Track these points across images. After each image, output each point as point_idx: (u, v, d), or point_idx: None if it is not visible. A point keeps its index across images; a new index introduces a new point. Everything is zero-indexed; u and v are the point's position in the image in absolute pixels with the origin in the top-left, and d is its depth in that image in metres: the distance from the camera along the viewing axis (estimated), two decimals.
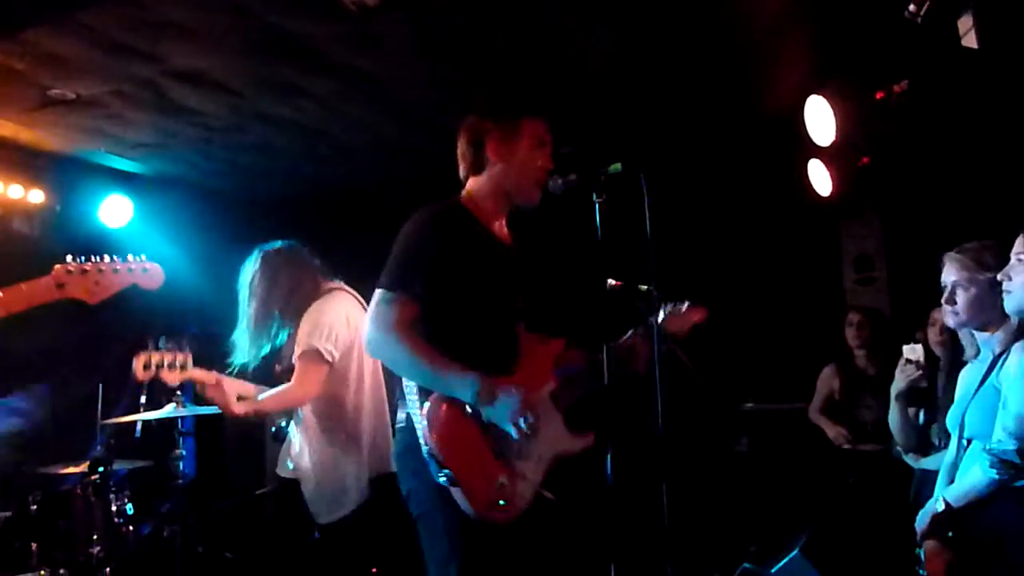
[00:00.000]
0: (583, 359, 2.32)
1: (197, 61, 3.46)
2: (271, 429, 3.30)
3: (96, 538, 3.50)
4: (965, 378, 2.39)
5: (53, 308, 2.17)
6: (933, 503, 2.23)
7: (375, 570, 3.05)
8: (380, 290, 2.08)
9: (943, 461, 2.38)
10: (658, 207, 2.15)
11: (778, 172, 4.29)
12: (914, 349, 2.85)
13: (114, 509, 3.64)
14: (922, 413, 3.04)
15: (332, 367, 2.91)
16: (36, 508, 3.49)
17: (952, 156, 3.74)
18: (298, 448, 3.02)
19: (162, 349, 2.89)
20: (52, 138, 4.36)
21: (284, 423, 3.19)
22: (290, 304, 2.99)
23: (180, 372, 2.91)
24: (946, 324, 2.44)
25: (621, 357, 2.30)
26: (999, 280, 2.08)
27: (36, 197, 4.55)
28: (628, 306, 2.39)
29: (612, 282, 2.35)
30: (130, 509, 3.72)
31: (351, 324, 2.98)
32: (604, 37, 3.46)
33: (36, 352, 4.25)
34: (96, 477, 3.61)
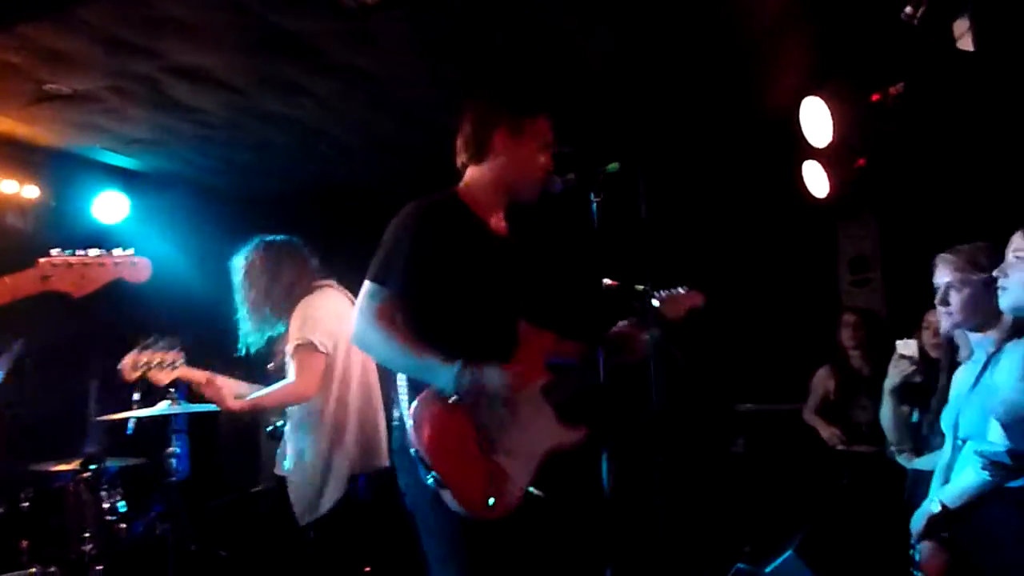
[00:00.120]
0: (576, 352, 2.31)
1: (196, 58, 3.45)
2: (267, 428, 3.28)
3: (88, 535, 3.48)
4: (959, 379, 2.39)
5: (45, 303, 2.15)
6: (929, 504, 2.24)
7: (368, 569, 3.04)
8: (367, 282, 2.10)
9: (938, 462, 2.39)
10: (655, 207, 2.15)
11: (775, 173, 4.30)
12: (908, 344, 2.86)
13: (106, 507, 3.62)
14: (916, 412, 3.04)
15: (326, 358, 2.89)
16: (27, 505, 3.47)
17: (948, 158, 3.75)
18: (290, 446, 3.02)
19: (151, 349, 2.88)
20: (48, 133, 4.34)
21: (280, 422, 3.18)
22: (289, 297, 2.99)
23: (170, 371, 2.90)
24: (941, 326, 2.44)
25: (615, 347, 2.30)
26: (995, 277, 2.08)
27: (31, 192, 4.52)
28: (624, 305, 2.40)
29: (608, 281, 2.36)
30: (122, 507, 3.71)
31: (340, 320, 2.96)
32: (603, 37, 3.46)
33: (27, 347, 4.22)
34: (88, 474, 3.59)
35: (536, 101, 2.28)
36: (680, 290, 2.50)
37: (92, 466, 3.61)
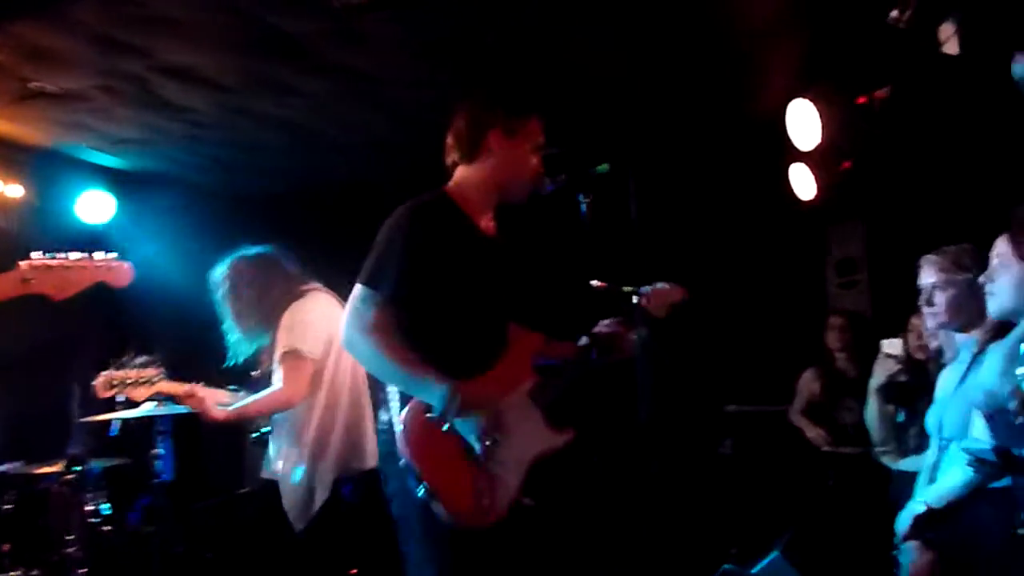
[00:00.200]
0: (564, 353, 2.30)
1: (186, 57, 3.44)
2: (252, 434, 3.26)
3: (72, 538, 3.45)
4: (944, 380, 2.41)
5: (28, 304, 2.13)
6: (913, 504, 2.25)
7: (355, 572, 3.03)
8: (358, 286, 2.07)
9: (924, 462, 2.40)
10: (644, 208, 2.16)
11: (762, 175, 4.32)
12: (893, 343, 2.89)
13: (90, 509, 3.59)
14: (902, 413, 3.07)
15: (314, 364, 2.88)
16: (10, 508, 3.43)
17: (934, 161, 3.79)
18: (276, 449, 3.00)
19: (127, 367, 2.84)
20: (33, 132, 4.30)
21: (265, 428, 3.16)
22: (266, 309, 2.97)
23: (148, 388, 2.86)
24: (926, 327, 2.45)
25: (602, 346, 2.29)
26: (981, 283, 2.10)
27: (15, 191, 4.48)
28: (612, 307, 2.40)
29: (596, 283, 2.36)
30: (107, 509, 3.68)
31: (328, 324, 2.95)
32: (593, 39, 3.48)
33: (11, 349, 4.18)
34: (72, 476, 3.56)
35: (530, 102, 2.27)
36: (663, 285, 2.47)
37: (76, 468, 3.58)
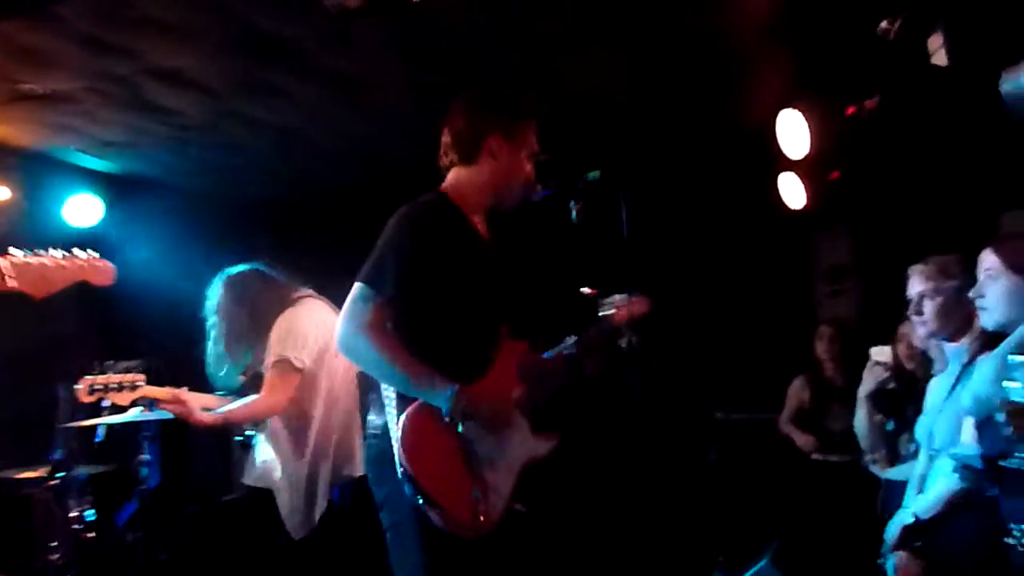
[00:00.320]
0: (549, 359, 2.29)
1: (175, 59, 3.42)
2: (237, 437, 3.23)
3: (55, 544, 3.42)
4: (934, 389, 2.42)
5: (12, 306, 2.10)
6: (902, 514, 2.25)
7: None
8: (358, 284, 2.01)
9: (913, 471, 2.41)
10: (634, 215, 2.16)
11: (752, 184, 4.34)
12: (882, 351, 2.90)
13: (74, 515, 3.56)
14: (891, 422, 3.08)
15: (302, 375, 2.87)
16: None
17: (921, 171, 3.82)
18: (266, 456, 2.97)
19: (109, 372, 2.81)
20: (21, 134, 4.27)
21: (251, 432, 3.14)
22: (257, 326, 2.96)
23: (131, 393, 2.83)
24: (916, 336, 2.46)
25: (589, 347, 2.28)
26: (972, 297, 2.11)
27: (2, 194, 4.44)
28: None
29: (587, 290, 2.36)
30: (91, 515, 3.64)
31: (320, 331, 2.94)
32: (584, 47, 3.49)
33: None
34: (56, 482, 3.53)
35: (529, 108, 2.27)
36: (625, 297, 2.41)
37: (60, 473, 3.54)
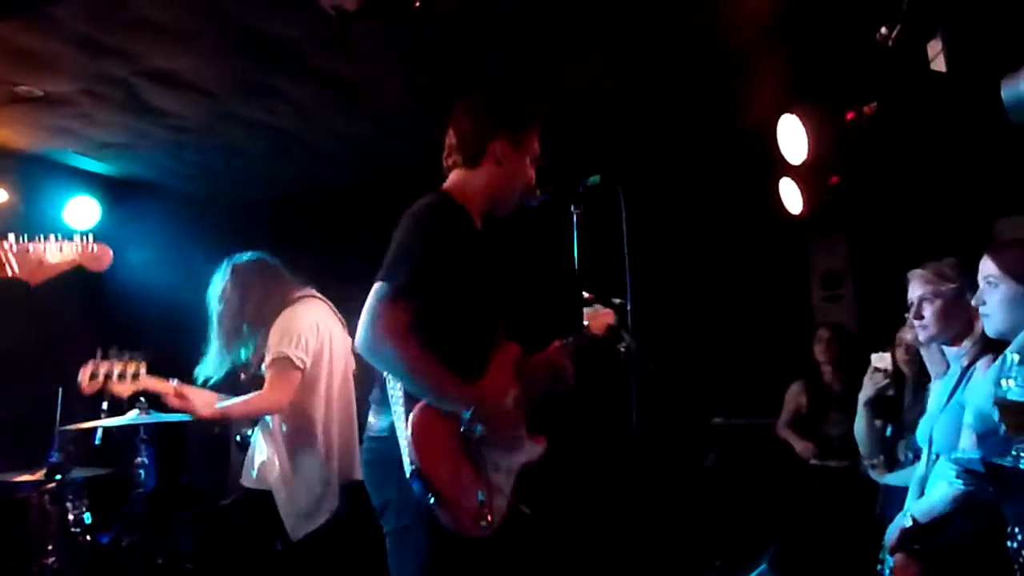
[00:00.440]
0: (541, 363, 2.27)
1: (172, 61, 3.42)
2: (236, 437, 3.22)
3: (51, 548, 3.40)
4: (935, 393, 2.43)
5: (10, 306, 2.09)
6: (902, 517, 2.26)
7: None
8: (381, 284, 1.94)
9: (913, 475, 2.41)
10: (633, 220, 2.16)
11: (751, 189, 4.35)
12: (883, 357, 2.90)
13: (71, 518, 3.54)
14: (889, 428, 3.08)
15: (303, 374, 2.87)
16: None
17: (919, 176, 3.83)
18: (265, 458, 2.97)
19: (111, 359, 2.79)
20: (18, 136, 4.27)
21: (249, 432, 3.13)
22: (260, 316, 2.95)
23: (132, 383, 2.80)
24: (917, 340, 2.47)
25: (586, 345, 2.29)
26: (974, 305, 2.11)
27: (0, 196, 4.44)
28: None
29: (585, 295, 2.35)
30: (88, 518, 3.62)
31: (321, 331, 2.94)
32: (582, 51, 3.49)
33: None
34: (53, 485, 3.51)
35: (534, 113, 2.26)
36: (599, 307, 2.41)
37: (57, 476, 3.52)
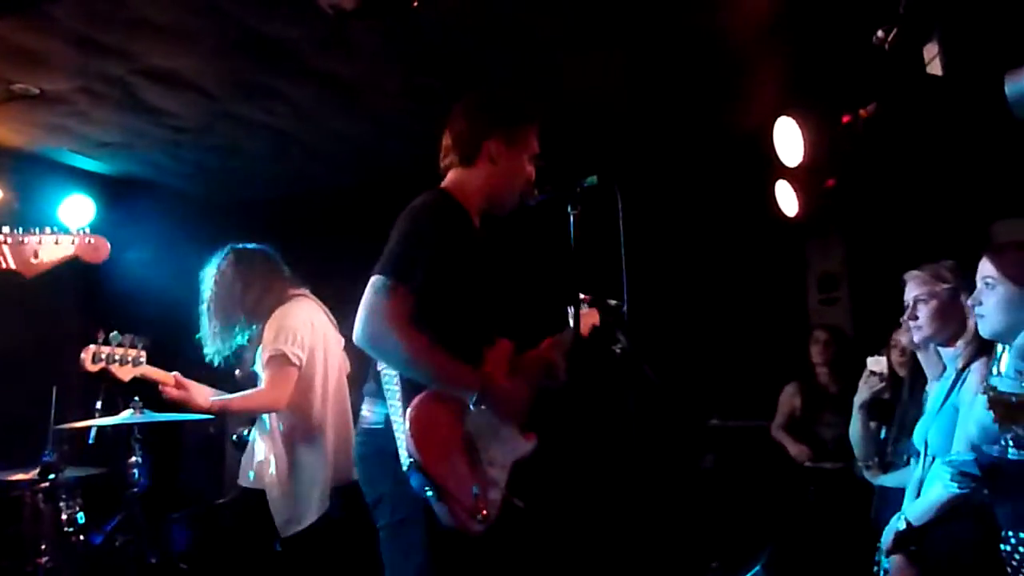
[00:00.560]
0: (534, 360, 2.27)
1: (170, 61, 3.42)
2: (232, 436, 3.22)
3: (44, 547, 3.38)
4: (932, 395, 2.43)
5: (6, 307, 2.08)
6: (897, 519, 2.26)
7: None
8: (379, 277, 1.93)
9: (910, 477, 2.42)
10: (630, 221, 2.16)
11: (747, 191, 4.36)
12: (878, 361, 2.91)
13: (64, 517, 3.52)
14: (884, 430, 3.09)
15: (299, 371, 2.86)
16: None
17: (915, 179, 3.85)
18: (262, 457, 2.97)
19: (114, 344, 2.78)
20: (14, 134, 4.26)
21: (246, 431, 3.13)
22: (259, 308, 2.95)
23: (132, 368, 2.80)
24: (912, 341, 2.47)
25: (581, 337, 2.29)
26: (970, 305, 2.12)
27: None
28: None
29: (582, 295, 2.35)
30: (81, 518, 3.60)
31: (315, 330, 2.95)
32: (580, 51, 3.49)
33: None
34: (47, 484, 3.49)
35: (531, 112, 2.27)
36: (584, 308, 2.41)
37: (51, 475, 3.51)
